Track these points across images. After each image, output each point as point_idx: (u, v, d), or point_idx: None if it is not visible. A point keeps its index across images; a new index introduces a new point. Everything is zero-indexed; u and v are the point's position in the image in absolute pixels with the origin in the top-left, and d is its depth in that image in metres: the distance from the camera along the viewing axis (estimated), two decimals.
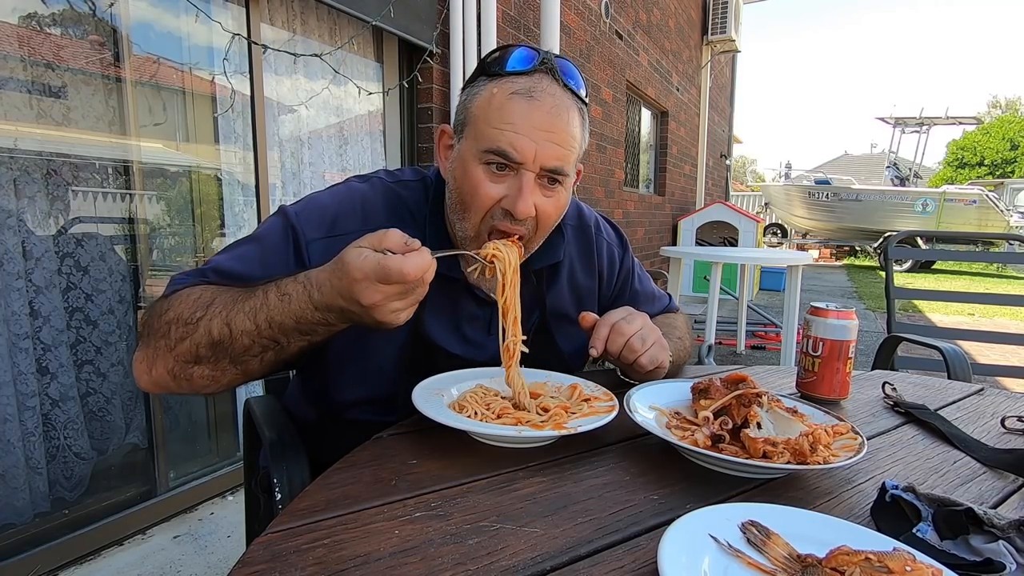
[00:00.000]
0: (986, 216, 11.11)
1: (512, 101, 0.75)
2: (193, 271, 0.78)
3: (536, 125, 0.75)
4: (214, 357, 0.68)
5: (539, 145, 0.75)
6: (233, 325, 0.66)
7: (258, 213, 2.24)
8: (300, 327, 0.66)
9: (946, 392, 1.02)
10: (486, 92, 0.77)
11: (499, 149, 0.75)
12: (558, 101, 0.77)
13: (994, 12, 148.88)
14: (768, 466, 0.61)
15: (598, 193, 4.99)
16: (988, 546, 0.48)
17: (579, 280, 0.99)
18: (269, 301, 0.66)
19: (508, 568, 0.46)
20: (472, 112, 0.79)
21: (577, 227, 1.00)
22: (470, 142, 0.79)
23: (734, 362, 4.16)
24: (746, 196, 19.47)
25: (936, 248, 10.50)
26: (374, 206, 0.84)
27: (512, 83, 0.76)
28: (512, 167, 0.76)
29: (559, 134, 0.76)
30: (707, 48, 8.48)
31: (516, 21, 3.48)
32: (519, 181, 0.76)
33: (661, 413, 0.75)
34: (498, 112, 0.75)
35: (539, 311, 0.93)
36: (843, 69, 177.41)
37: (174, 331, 0.68)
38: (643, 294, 1.10)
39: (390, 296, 0.61)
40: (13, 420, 1.58)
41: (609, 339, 0.83)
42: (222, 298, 0.69)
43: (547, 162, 0.76)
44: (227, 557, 1.77)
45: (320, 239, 0.80)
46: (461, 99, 0.82)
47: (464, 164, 0.79)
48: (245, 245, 0.81)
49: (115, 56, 1.82)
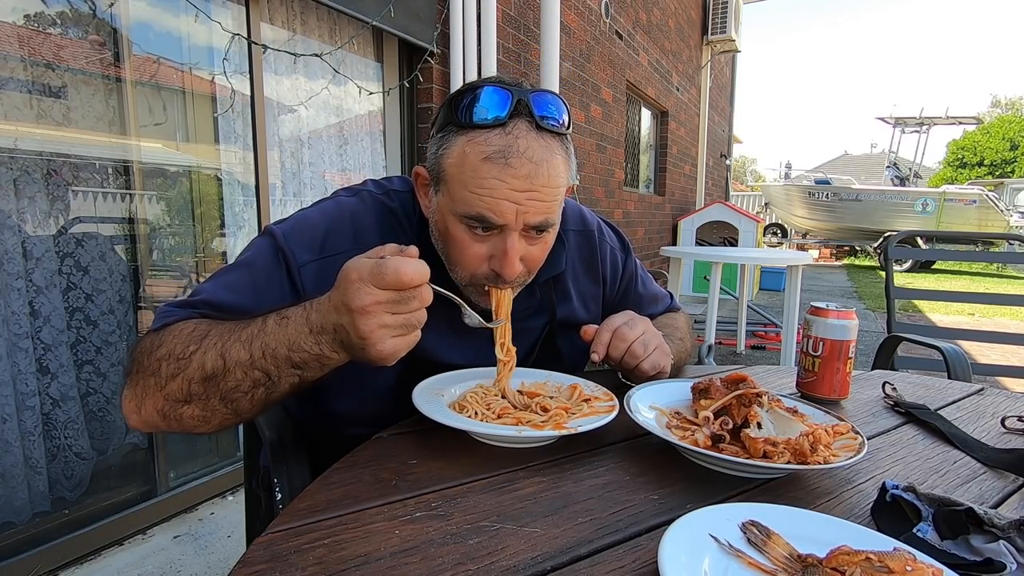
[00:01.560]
0: (986, 216, 11.11)
1: (487, 166, 0.70)
2: (183, 302, 0.73)
3: (515, 188, 0.70)
4: (205, 395, 0.64)
5: (520, 206, 0.71)
6: (228, 356, 0.63)
7: (258, 213, 2.24)
8: (292, 356, 0.62)
9: (946, 392, 1.02)
10: (458, 150, 0.72)
11: (479, 216, 0.71)
12: (536, 157, 0.71)
13: (994, 12, 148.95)
14: (768, 466, 0.61)
15: (598, 193, 4.99)
16: (988, 546, 0.48)
17: (583, 287, 0.99)
18: (267, 327, 0.63)
19: (508, 568, 0.46)
20: (445, 170, 0.74)
21: (580, 232, 0.99)
22: (447, 200, 0.74)
23: (734, 362, 4.16)
24: (746, 196, 19.47)
25: (936, 248, 10.50)
26: (365, 221, 0.81)
27: (485, 143, 0.70)
28: (495, 229, 0.73)
29: (541, 191, 0.72)
30: (707, 48, 8.47)
31: (516, 21, 3.48)
32: (503, 243, 0.73)
33: (661, 413, 0.75)
34: (473, 176, 0.70)
35: (548, 320, 0.93)
36: (843, 69, 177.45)
37: (165, 368, 0.64)
38: (646, 296, 1.10)
39: (382, 302, 0.57)
40: (13, 420, 1.58)
41: (611, 344, 0.83)
42: (217, 330, 0.66)
43: (531, 220, 0.73)
44: (227, 557, 1.77)
45: (312, 262, 0.77)
46: (432, 148, 0.77)
47: (444, 221, 0.76)
48: (235, 272, 0.77)
49: (115, 56, 1.82)
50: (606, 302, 1.03)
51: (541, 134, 0.72)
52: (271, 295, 0.75)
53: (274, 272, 0.77)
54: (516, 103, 0.71)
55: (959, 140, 23.07)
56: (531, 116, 0.72)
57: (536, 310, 0.91)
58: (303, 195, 2.46)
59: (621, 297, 1.05)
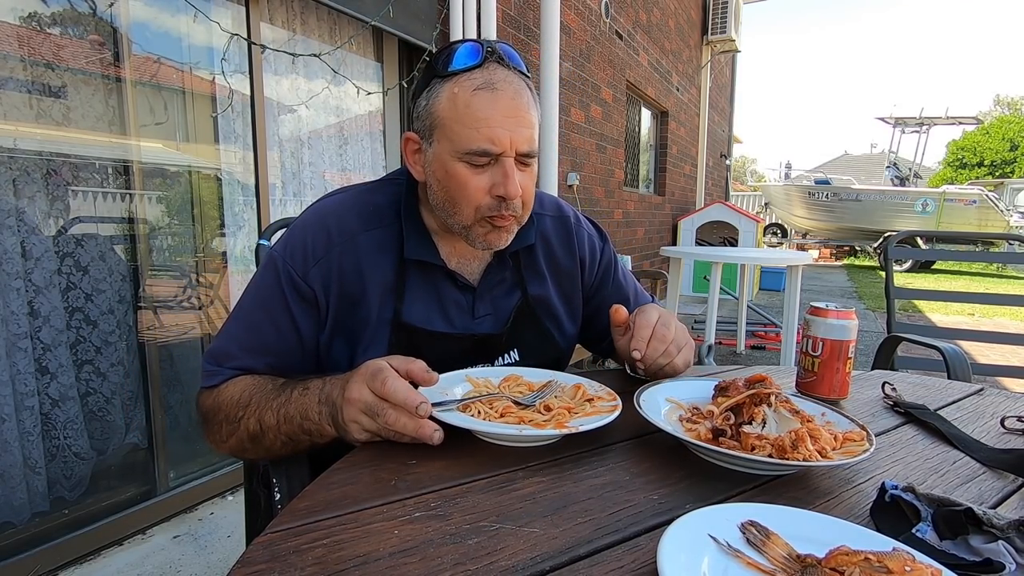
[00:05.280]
0: (986, 216, 11.11)
1: (477, 97, 0.78)
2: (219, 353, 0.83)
3: (505, 114, 0.79)
4: (254, 448, 0.78)
5: (512, 132, 0.79)
6: (263, 422, 0.75)
7: (258, 213, 2.24)
8: (304, 424, 0.72)
9: (946, 392, 1.02)
10: (446, 93, 0.80)
11: (480, 149, 0.79)
12: (515, 86, 0.81)
13: (995, 12, 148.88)
14: (752, 458, 0.63)
15: (598, 193, 4.99)
16: (988, 546, 0.48)
17: (560, 263, 1.01)
18: (292, 396, 0.74)
19: (508, 568, 0.46)
20: (437, 115, 0.81)
21: (556, 217, 1.03)
22: (444, 144, 0.81)
23: (734, 362, 4.16)
24: (746, 196, 19.45)
25: (936, 248, 10.49)
26: (341, 216, 0.87)
27: (470, 79, 0.79)
28: (492, 158, 0.80)
29: (524, 117, 0.81)
30: (707, 48, 8.48)
31: (516, 21, 3.48)
32: (503, 168, 0.80)
33: (678, 406, 0.77)
34: (466, 111, 0.78)
35: (520, 294, 0.96)
36: (843, 68, 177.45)
37: (225, 429, 0.79)
38: (631, 288, 1.11)
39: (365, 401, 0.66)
40: (12, 420, 1.58)
41: (650, 344, 0.83)
42: (259, 396, 0.77)
43: (521, 146, 0.81)
44: (227, 557, 1.77)
45: (310, 270, 0.84)
46: (419, 104, 0.84)
47: (444, 166, 0.82)
48: (255, 313, 0.85)
49: (115, 56, 1.83)
50: (585, 284, 1.05)
51: (512, 71, 0.82)
52: (285, 321, 0.84)
53: (281, 299, 0.84)
54: (487, 51, 0.81)
55: (959, 140, 23.07)
56: (501, 59, 0.82)
57: (510, 286, 0.95)
58: (303, 195, 2.46)
59: (599, 284, 1.07)
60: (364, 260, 0.85)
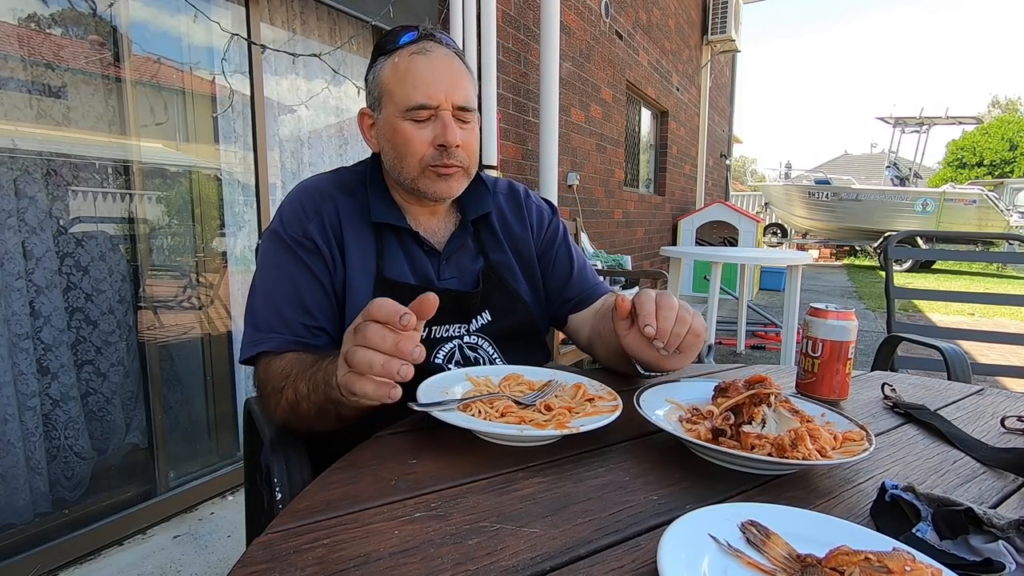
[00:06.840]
0: (986, 216, 11.10)
1: (413, 61, 0.90)
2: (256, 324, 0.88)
3: (438, 73, 0.90)
4: (296, 418, 0.79)
5: (446, 87, 0.89)
6: (298, 390, 0.76)
7: (258, 213, 2.24)
8: (329, 393, 0.70)
9: (946, 392, 1.02)
10: (389, 64, 0.92)
11: (417, 103, 0.89)
12: (448, 54, 0.93)
13: (995, 12, 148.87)
14: (751, 457, 0.63)
15: (598, 193, 4.99)
16: (988, 546, 0.48)
17: (514, 229, 1.08)
18: (323, 365, 0.73)
19: (508, 568, 0.46)
20: (383, 84, 0.92)
21: (508, 193, 1.12)
22: (390, 108, 0.91)
23: (734, 362, 4.16)
24: (746, 196, 19.45)
25: (936, 248, 10.48)
26: (319, 185, 0.98)
27: (407, 50, 0.91)
28: (431, 112, 0.90)
29: (457, 75, 0.92)
30: (707, 48, 8.48)
31: (516, 21, 3.48)
32: (441, 120, 0.90)
33: (678, 406, 0.77)
34: (405, 74, 0.90)
35: (483, 260, 1.02)
36: (843, 69, 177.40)
37: (273, 400, 0.82)
38: (576, 262, 1.12)
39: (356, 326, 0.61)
40: (13, 420, 1.58)
41: (659, 316, 0.78)
42: (298, 366, 0.80)
43: (456, 99, 0.90)
44: (227, 557, 1.77)
45: (308, 225, 0.92)
46: (369, 81, 0.96)
47: (391, 127, 0.92)
48: (270, 274, 0.91)
49: (115, 56, 1.83)
50: (537, 247, 1.10)
51: (445, 46, 0.94)
52: (305, 278, 0.90)
53: (298, 260, 0.90)
54: (423, 33, 0.93)
55: (959, 140, 23.04)
56: (434, 36, 0.94)
57: (474, 253, 1.02)
58: None
59: (545, 247, 1.10)
60: (345, 220, 0.94)
